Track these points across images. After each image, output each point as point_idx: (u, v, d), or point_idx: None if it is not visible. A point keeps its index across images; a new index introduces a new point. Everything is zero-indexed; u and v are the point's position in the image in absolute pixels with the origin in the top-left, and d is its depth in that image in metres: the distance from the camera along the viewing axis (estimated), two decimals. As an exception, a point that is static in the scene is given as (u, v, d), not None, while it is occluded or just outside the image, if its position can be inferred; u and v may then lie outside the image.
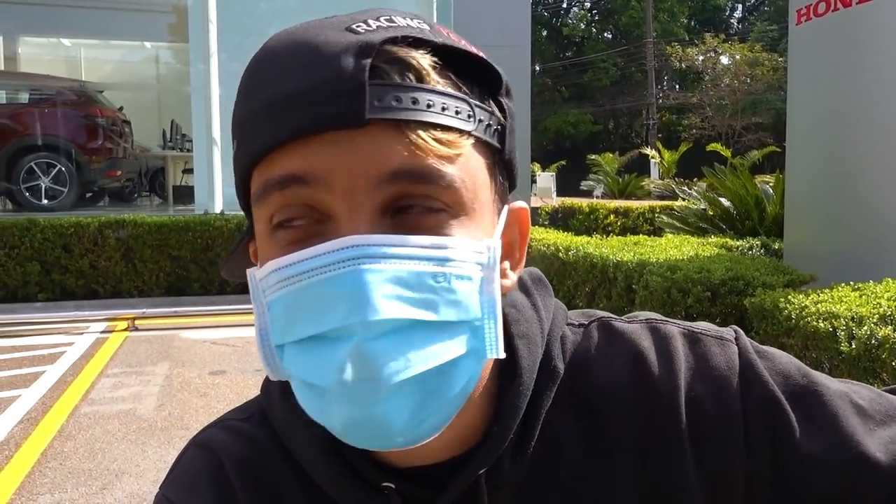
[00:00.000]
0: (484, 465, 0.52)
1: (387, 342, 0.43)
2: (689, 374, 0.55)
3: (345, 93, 0.43)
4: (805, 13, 4.44)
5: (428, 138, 0.44)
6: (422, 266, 0.44)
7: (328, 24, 0.47)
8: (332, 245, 0.43)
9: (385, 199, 0.45)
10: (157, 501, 0.61)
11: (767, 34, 28.39)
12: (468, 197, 0.47)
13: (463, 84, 0.47)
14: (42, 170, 9.28)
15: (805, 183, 4.59)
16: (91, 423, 4.00)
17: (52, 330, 6.23)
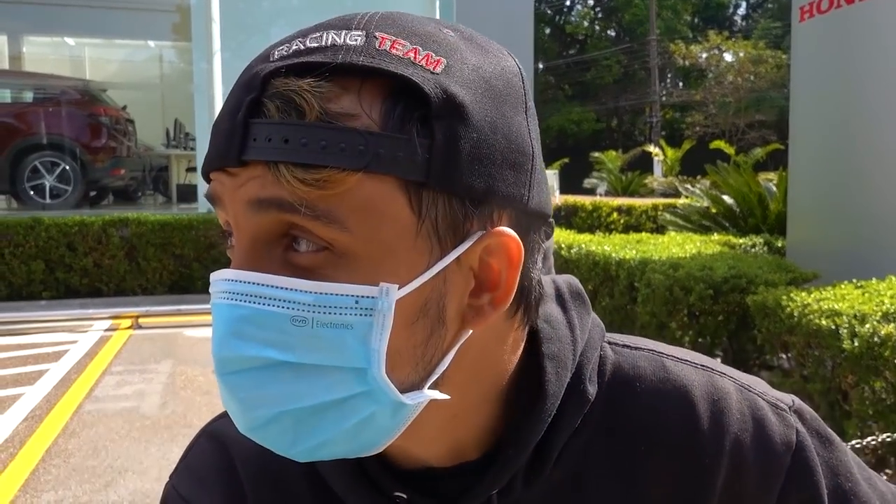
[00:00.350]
0: (496, 486, 0.51)
1: (246, 378, 0.44)
2: (738, 440, 0.54)
3: (229, 132, 0.44)
4: (808, 10, 4.43)
5: (291, 178, 0.42)
6: (280, 308, 0.43)
7: (269, 48, 0.47)
8: (218, 274, 0.46)
9: (261, 228, 0.44)
10: (167, 493, 0.61)
11: (771, 31, 28.31)
12: (356, 237, 0.43)
13: (381, 107, 0.43)
14: (46, 168, 9.31)
15: (808, 180, 4.58)
16: (95, 421, 4.01)
17: (56, 328, 6.26)
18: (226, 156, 0.44)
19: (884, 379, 2.68)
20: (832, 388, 2.89)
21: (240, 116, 0.43)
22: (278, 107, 0.42)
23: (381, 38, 0.44)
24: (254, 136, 0.43)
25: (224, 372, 0.44)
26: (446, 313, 0.46)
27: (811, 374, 2.98)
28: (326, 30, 0.45)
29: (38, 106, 9.76)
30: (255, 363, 0.44)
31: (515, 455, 0.51)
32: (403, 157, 0.42)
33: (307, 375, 0.44)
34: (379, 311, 0.43)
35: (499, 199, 0.46)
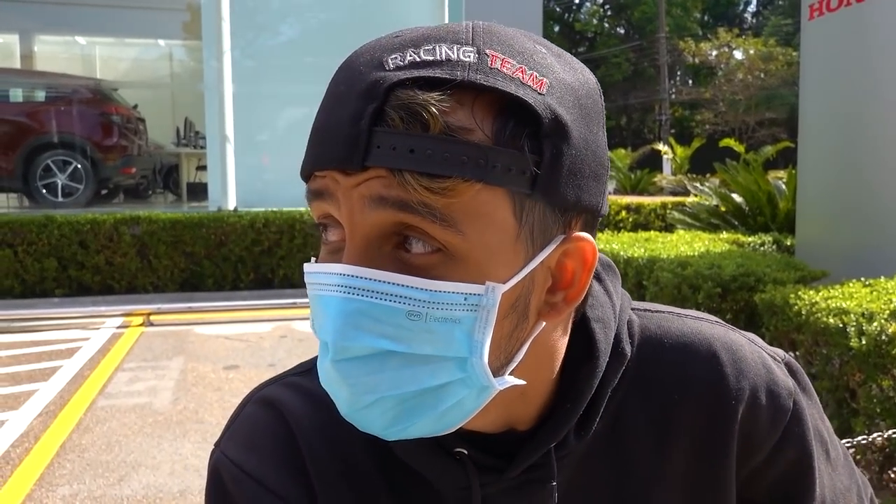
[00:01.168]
0: (554, 440, 0.56)
1: (357, 365, 0.48)
2: (755, 386, 0.61)
3: (350, 137, 0.46)
4: (818, 8, 4.42)
5: (417, 186, 0.45)
6: (398, 303, 0.47)
7: (374, 52, 0.49)
8: (330, 268, 0.48)
9: (377, 226, 0.47)
10: (214, 460, 0.60)
11: (782, 28, 28.14)
12: (468, 241, 0.47)
13: (494, 123, 0.46)
14: (58, 167, 9.38)
15: (817, 178, 4.57)
16: (108, 417, 4.07)
17: (69, 325, 6.32)
18: (347, 159, 0.46)
19: (891, 377, 2.69)
20: (840, 385, 2.90)
21: (363, 124, 0.46)
22: (402, 118, 0.45)
23: (492, 55, 0.47)
24: (377, 143, 0.45)
25: (339, 359, 0.48)
26: (529, 309, 0.51)
27: (819, 372, 2.99)
28: (437, 42, 0.48)
29: (50, 105, 9.84)
30: (367, 351, 0.48)
31: (572, 409, 0.56)
32: (515, 171, 0.47)
33: (414, 364, 0.48)
34: (483, 307, 0.48)
35: (581, 208, 0.51)
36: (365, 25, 9.72)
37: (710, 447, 0.60)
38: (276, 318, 6.62)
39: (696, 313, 0.65)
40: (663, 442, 0.60)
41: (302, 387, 0.61)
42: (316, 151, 0.49)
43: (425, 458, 0.56)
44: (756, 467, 0.63)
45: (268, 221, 7.78)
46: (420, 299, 0.47)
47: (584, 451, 0.59)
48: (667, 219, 8.81)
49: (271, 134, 10.10)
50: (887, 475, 2.91)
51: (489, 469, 0.56)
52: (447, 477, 0.56)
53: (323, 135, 0.49)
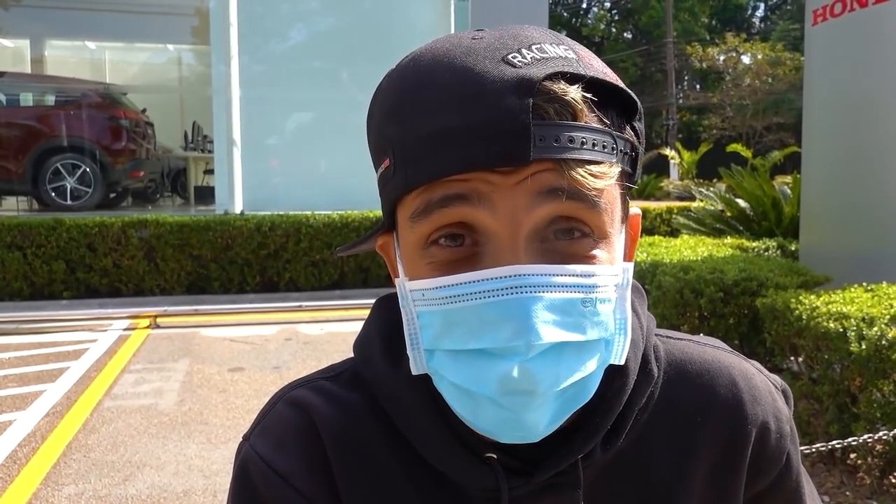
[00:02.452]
0: (583, 451, 0.58)
1: (544, 361, 0.49)
2: (766, 412, 0.65)
3: (512, 132, 0.46)
4: (821, 13, 4.43)
5: (585, 174, 0.48)
6: (574, 293, 0.49)
7: (482, 52, 0.49)
8: (496, 272, 0.48)
9: (542, 219, 0.49)
10: (243, 454, 0.61)
11: (789, 33, 28.07)
12: (609, 222, 0.51)
13: (605, 113, 0.51)
14: (68, 171, 9.46)
15: (821, 184, 4.58)
16: (114, 417, 4.10)
17: (76, 327, 6.38)
18: (514, 155, 0.47)
19: (891, 381, 2.69)
20: (840, 390, 2.90)
21: (525, 118, 0.47)
22: (556, 110, 0.48)
23: (582, 54, 0.52)
24: (540, 136, 0.47)
25: (529, 357, 0.48)
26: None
27: (820, 377, 3.00)
28: (539, 42, 0.51)
29: (60, 109, 9.93)
30: (555, 344, 0.49)
31: (601, 423, 0.58)
32: (629, 154, 0.52)
33: (584, 351, 0.51)
34: (621, 286, 0.52)
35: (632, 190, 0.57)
36: (372, 31, 9.77)
37: (725, 469, 0.64)
38: (282, 321, 6.65)
39: (712, 340, 0.69)
40: (684, 461, 0.62)
41: (329, 391, 0.62)
42: (463, 153, 0.47)
43: (456, 460, 0.57)
44: (761, 491, 0.66)
45: (274, 225, 7.83)
46: (588, 285, 0.50)
47: (607, 464, 0.60)
48: (672, 223, 8.80)
49: (279, 138, 10.16)
50: (888, 479, 2.91)
51: (517, 473, 0.57)
52: (476, 479, 0.57)
53: (470, 134, 0.47)
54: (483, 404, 0.50)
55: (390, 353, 0.59)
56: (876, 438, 2.37)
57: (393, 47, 9.87)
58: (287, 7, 10.13)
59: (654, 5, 32.76)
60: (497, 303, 0.48)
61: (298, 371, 5.00)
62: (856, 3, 4.12)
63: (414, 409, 0.57)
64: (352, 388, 0.62)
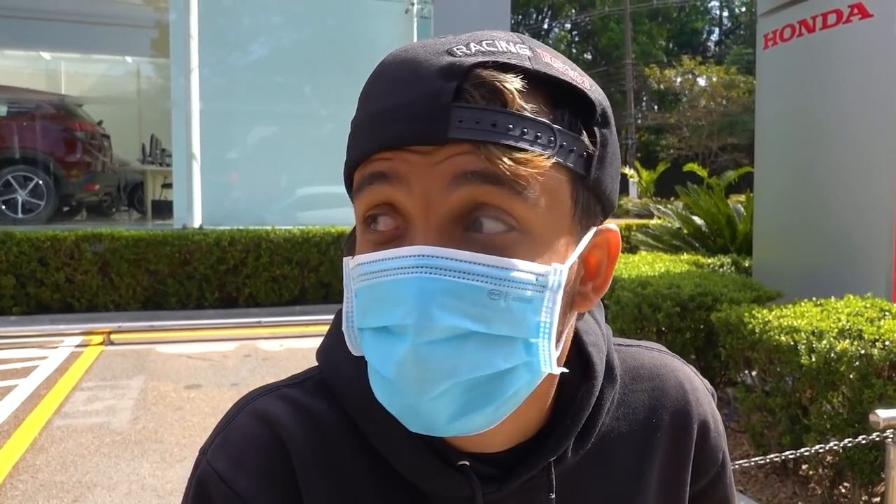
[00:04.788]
0: (555, 454, 0.59)
1: (439, 348, 0.47)
2: (705, 410, 0.70)
3: (431, 112, 0.47)
4: (772, 38, 4.58)
5: (502, 158, 0.47)
6: (480, 282, 0.47)
7: (434, 46, 0.50)
8: (403, 251, 0.48)
9: (458, 203, 0.48)
10: (200, 470, 0.58)
11: (743, 57, 28.93)
12: (540, 217, 0.49)
13: (554, 109, 0.50)
14: (19, 183, 9.22)
15: (772, 202, 4.71)
16: (64, 436, 3.98)
17: (26, 343, 6.18)
18: (429, 134, 0.47)
19: (840, 393, 2.77)
20: (792, 402, 2.97)
21: (445, 99, 0.47)
22: (483, 95, 0.47)
23: (541, 52, 0.51)
24: (459, 118, 0.47)
25: (422, 341, 0.47)
26: (574, 296, 0.54)
27: (772, 389, 3.07)
28: (495, 39, 0.51)
29: (12, 120, 9.69)
30: (449, 333, 0.47)
31: (572, 425, 0.59)
32: (576, 153, 0.51)
33: (491, 346, 0.48)
34: (550, 287, 0.49)
35: (610, 200, 0.55)
36: (334, 46, 9.77)
37: (675, 465, 0.67)
38: (241, 336, 6.55)
39: (656, 346, 0.72)
40: (642, 461, 0.65)
41: (295, 400, 0.59)
42: (384, 132, 0.48)
43: (428, 469, 0.56)
44: (701, 489, 0.70)
45: (233, 240, 7.73)
46: (500, 277, 0.47)
47: (576, 466, 0.62)
48: (631, 240, 8.95)
49: (239, 152, 10.05)
50: (838, 490, 2.98)
51: (490, 479, 0.57)
52: (449, 488, 0.56)
53: (393, 114, 0.48)
54: (389, 388, 0.49)
55: (357, 361, 0.56)
56: (826, 449, 2.44)
57: (355, 62, 9.87)
58: (249, 21, 10.08)
59: (613, 27, 33.47)
60: (399, 281, 0.47)
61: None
62: (804, 29, 4.28)
63: (384, 419, 0.54)
64: (318, 397, 0.59)
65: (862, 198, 3.94)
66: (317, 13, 10.02)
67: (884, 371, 2.64)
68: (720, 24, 39.14)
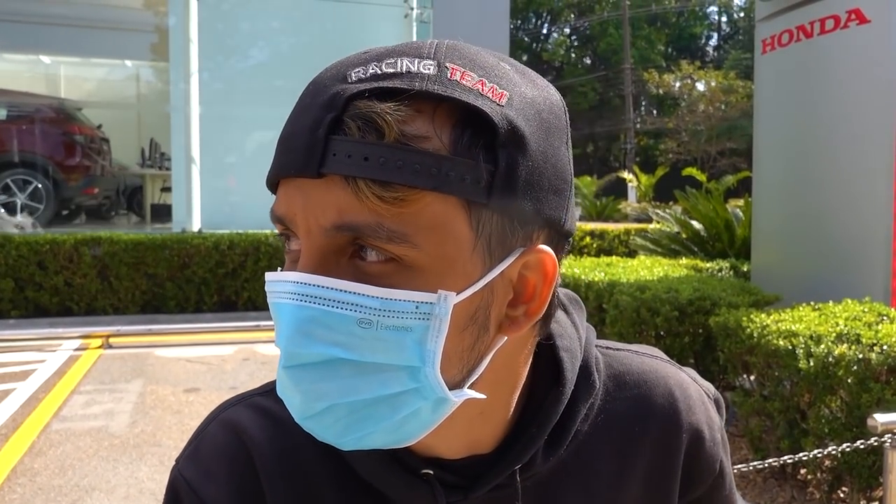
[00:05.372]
0: (520, 461, 0.58)
1: (307, 372, 0.48)
2: (699, 420, 0.67)
3: (308, 145, 0.47)
4: (770, 43, 4.60)
5: (370, 194, 0.45)
6: (349, 311, 0.47)
7: (339, 68, 0.50)
8: (284, 276, 0.49)
9: (334, 243, 0.48)
10: (172, 477, 0.61)
11: (741, 62, 29.01)
12: (423, 251, 0.47)
13: (452, 132, 0.47)
14: (18, 186, 9.22)
15: (770, 207, 4.72)
16: (62, 440, 3.97)
17: (24, 347, 6.17)
18: (304, 167, 0.47)
19: (838, 397, 2.77)
20: (790, 406, 2.97)
21: (321, 132, 0.46)
22: (359, 126, 0.46)
23: (452, 68, 0.48)
24: (333, 151, 0.46)
25: (289, 365, 0.48)
26: (490, 321, 0.51)
27: (771, 394, 3.07)
28: (400, 56, 0.49)
29: (11, 123, 9.70)
30: (318, 359, 0.48)
31: (538, 433, 0.58)
32: (470, 180, 0.47)
33: (366, 372, 0.48)
34: (436, 315, 0.48)
35: (541, 221, 0.51)
36: (333, 50, 9.72)
37: (660, 476, 0.65)
38: (240, 340, 6.55)
39: (650, 350, 0.71)
40: (623, 471, 0.63)
41: (264, 408, 0.61)
42: (278, 160, 0.50)
43: (392, 478, 0.56)
44: (698, 497, 0.68)
45: (232, 243, 7.73)
46: (371, 307, 0.47)
47: (549, 474, 0.61)
48: (629, 245, 8.96)
49: (238, 156, 10.06)
50: (836, 494, 2.99)
51: (455, 488, 0.57)
52: (413, 496, 0.57)
53: (285, 144, 0.49)
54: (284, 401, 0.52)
55: None
56: (825, 454, 2.44)
57: (355, 67, 9.89)
58: (248, 25, 10.10)
59: (612, 32, 33.56)
60: (278, 305, 0.49)
61: (256, 391, 4.91)
62: (801, 34, 4.30)
63: None
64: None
65: (860, 202, 3.95)
66: (316, 18, 10.05)
67: (882, 375, 2.64)
68: (719, 30, 39.25)
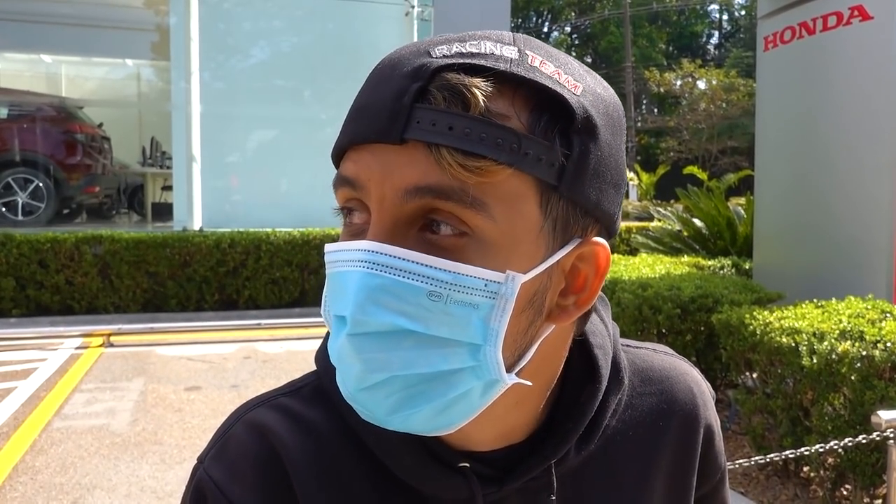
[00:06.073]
0: (556, 456, 0.58)
1: (373, 341, 0.48)
2: (711, 413, 0.70)
3: (392, 111, 0.47)
4: (772, 40, 4.59)
5: (452, 161, 0.46)
6: (419, 282, 0.47)
7: (420, 46, 0.50)
8: (354, 244, 0.49)
9: (410, 211, 0.48)
10: (198, 478, 0.59)
11: (743, 60, 28.97)
12: (496, 226, 0.48)
13: (531, 114, 0.48)
14: (19, 185, 9.22)
15: (772, 204, 4.71)
16: (63, 438, 3.97)
17: (25, 346, 6.17)
18: (386, 133, 0.47)
19: (841, 395, 2.76)
20: (793, 404, 2.97)
21: (406, 100, 0.47)
22: (445, 97, 0.46)
23: (532, 56, 0.50)
24: (417, 118, 0.47)
25: (354, 333, 0.48)
26: (544, 307, 0.52)
27: (773, 391, 3.06)
28: (482, 39, 0.50)
29: (12, 122, 9.68)
30: (383, 328, 0.48)
31: (574, 428, 0.59)
32: (545, 161, 0.48)
33: (429, 345, 0.48)
34: (502, 294, 0.48)
35: (600, 213, 0.52)
36: (334, 49, 9.78)
37: (681, 470, 0.67)
38: (241, 339, 6.55)
39: (665, 349, 0.73)
40: (648, 464, 0.65)
41: (290, 409, 0.60)
42: (354, 127, 0.50)
43: (428, 472, 0.56)
44: (705, 493, 0.70)
45: (233, 242, 7.72)
46: (442, 280, 0.47)
47: (579, 467, 0.61)
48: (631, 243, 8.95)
49: (239, 155, 10.06)
50: (839, 492, 2.98)
51: (490, 480, 0.57)
52: (449, 489, 0.56)
53: (364, 111, 0.50)
54: (338, 374, 0.51)
55: None
56: (826, 449, 2.43)
57: (355, 66, 9.88)
58: (249, 24, 10.09)
59: (613, 31, 33.53)
60: (345, 273, 0.49)
61: (257, 390, 4.91)
62: (804, 31, 4.29)
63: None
64: (314, 405, 0.60)
65: (862, 199, 3.94)
66: (317, 17, 10.03)
67: (885, 373, 2.63)
68: (720, 28, 39.20)
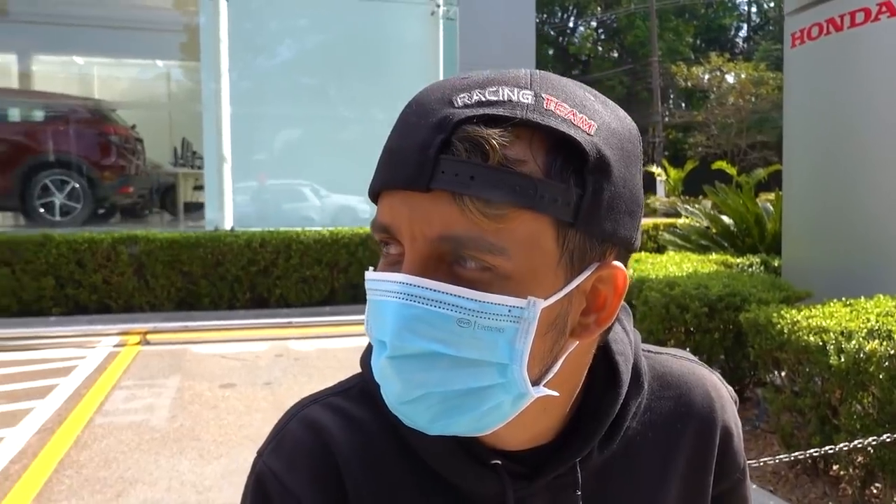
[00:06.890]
0: (580, 454, 0.65)
1: (410, 362, 0.54)
2: (730, 417, 0.75)
3: (419, 162, 0.53)
4: (799, 37, 4.56)
5: (474, 209, 0.52)
6: (449, 311, 0.53)
7: (445, 91, 0.56)
8: (391, 276, 0.55)
9: (437, 251, 0.54)
10: (258, 469, 0.66)
11: (772, 53, 28.52)
12: (517, 263, 0.53)
13: (546, 156, 0.53)
14: (56, 186, 9.46)
15: (800, 202, 4.69)
16: (105, 434, 4.11)
17: (65, 343, 6.36)
18: (414, 182, 0.53)
19: (870, 394, 2.77)
20: (822, 402, 2.98)
21: (431, 152, 0.53)
22: (467, 149, 0.52)
23: (547, 98, 0.55)
24: (442, 169, 0.52)
25: (394, 356, 0.55)
26: (567, 327, 0.58)
27: (802, 390, 3.07)
28: (501, 85, 0.55)
29: (48, 124, 9.94)
30: (419, 351, 0.54)
31: (597, 429, 0.65)
32: (561, 202, 0.53)
33: (461, 366, 0.55)
34: (525, 318, 0.54)
35: (616, 240, 0.58)
36: (360, 48, 9.88)
37: (698, 470, 0.72)
38: (272, 337, 6.67)
39: (685, 354, 0.77)
40: (667, 465, 0.70)
41: (340, 408, 0.67)
42: (385, 173, 0.56)
43: (464, 468, 0.62)
44: (723, 491, 0.74)
45: (264, 241, 7.86)
46: (469, 308, 0.53)
47: (601, 466, 0.67)
48: (658, 240, 8.92)
49: (268, 154, 10.21)
50: (869, 490, 2.98)
51: (520, 477, 0.64)
52: (483, 485, 0.63)
53: (394, 158, 0.55)
54: (382, 389, 0.58)
55: None
56: (852, 447, 2.45)
57: (381, 64, 9.98)
58: (276, 24, 10.22)
59: (640, 25, 33.21)
60: (383, 302, 0.55)
61: (289, 387, 5.02)
62: (831, 27, 4.26)
63: None
64: (361, 404, 0.67)
65: (891, 197, 3.91)
66: (343, 16, 10.13)
67: (914, 372, 2.63)
68: (748, 20, 38.60)
